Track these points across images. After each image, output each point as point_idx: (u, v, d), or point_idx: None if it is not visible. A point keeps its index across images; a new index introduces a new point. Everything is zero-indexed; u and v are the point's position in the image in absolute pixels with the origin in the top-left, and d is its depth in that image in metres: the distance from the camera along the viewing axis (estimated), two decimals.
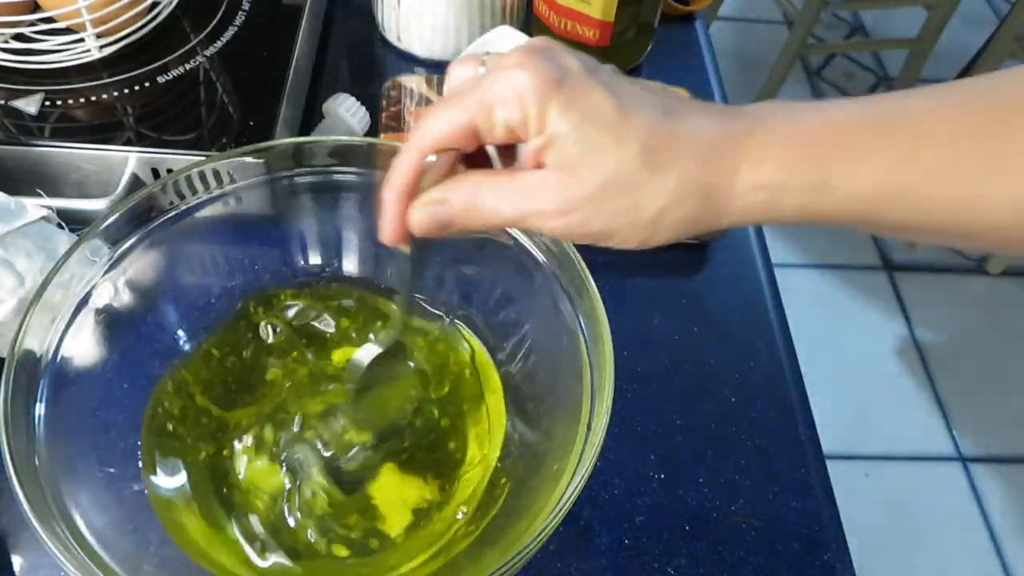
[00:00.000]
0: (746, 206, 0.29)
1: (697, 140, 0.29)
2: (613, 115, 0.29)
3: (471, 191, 0.32)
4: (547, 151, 0.30)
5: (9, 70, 0.58)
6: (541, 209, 0.30)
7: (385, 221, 0.33)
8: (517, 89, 0.29)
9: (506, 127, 0.30)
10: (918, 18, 1.83)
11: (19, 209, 0.47)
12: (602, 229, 0.30)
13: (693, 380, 0.54)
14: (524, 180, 0.31)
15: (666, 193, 0.29)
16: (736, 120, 0.30)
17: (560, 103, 0.29)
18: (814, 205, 0.29)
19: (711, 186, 0.29)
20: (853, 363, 1.53)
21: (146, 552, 0.39)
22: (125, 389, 0.43)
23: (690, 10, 0.78)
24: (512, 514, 0.41)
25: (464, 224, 0.32)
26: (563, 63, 0.30)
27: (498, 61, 0.30)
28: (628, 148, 0.29)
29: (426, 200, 0.32)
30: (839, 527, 0.49)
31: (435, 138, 0.31)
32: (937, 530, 1.35)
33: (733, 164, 0.29)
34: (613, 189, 0.29)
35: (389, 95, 0.66)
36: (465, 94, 0.30)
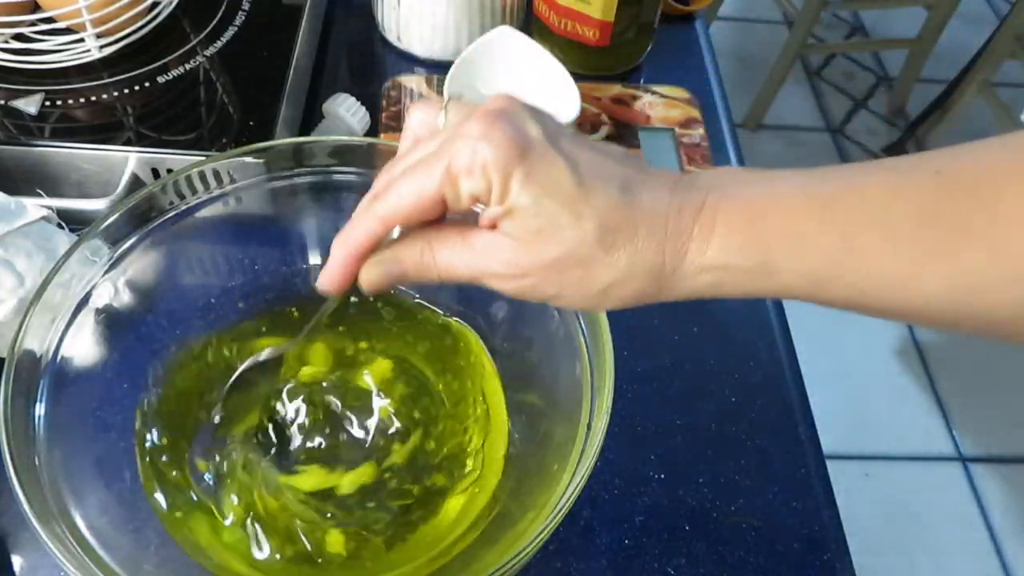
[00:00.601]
0: (693, 285, 0.30)
1: (652, 219, 0.30)
2: (573, 191, 0.29)
3: (424, 249, 0.32)
4: (505, 220, 0.30)
5: (9, 70, 0.58)
6: (495, 271, 0.31)
7: (331, 273, 0.34)
8: (481, 160, 0.29)
9: (471, 197, 0.30)
10: (918, 18, 1.83)
11: (19, 209, 0.47)
12: (552, 293, 0.31)
13: (693, 380, 0.54)
14: (477, 240, 0.31)
15: (617, 271, 0.30)
16: (686, 193, 0.30)
17: (521, 175, 0.29)
18: (758, 285, 0.30)
19: (660, 266, 0.30)
20: (853, 363, 1.53)
21: (146, 552, 0.39)
22: (125, 389, 0.43)
23: (690, 10, 0.78)
24: (512, 514, 0.41)
25: (417, 280, 0.33)
26: (525, 130, 0.30)
27: (461, 124, 0.30)
28: (585, 226, 0.29)
29: (380, 259, 0.33)
30: (839, 527, 0.49)
31: (403, 212, 0.31)
32: (937, 530, 1.35)
33: (682, 246, 0.30)
34: (567, 262, 0.30)
35: (389, 95, 0.66)
36: (430, 160, 0.30)
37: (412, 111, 0.34)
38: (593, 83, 0.69)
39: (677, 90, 0.70)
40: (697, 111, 0.68)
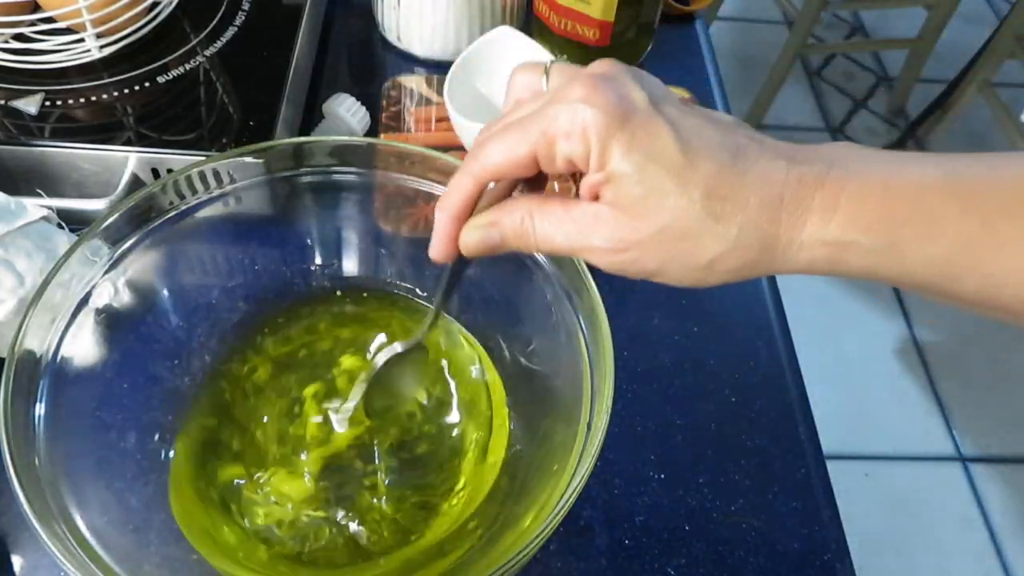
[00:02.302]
0: (809, 259, 0.28)
1: (764, 188, 0.28)
2: (678, 158, 0.28)
3: (524, 217, 0.31)
4: (607, 188, 0.29)
5: (9, 70, 0.58)
6: (594, 245, 0.30)
7: (437, 239, 0.33)
8: (581, 123, 0.28)
9: (567, 160, 0.29)
10: (918, 18, 1.83)
11: (19, 209, 0.47)
12: (655, 268, 0.30)
13: (693, 380, 0.54)
14: (578, 212, 0.30)
15: (726, 242, 0.28)
16: (807, 165, 0.28)
17: (624, 141, 0.28)
18: (882, 267, 0.28)
19: (774, 237, 0.28)
20: (853, 363, 1.53)
21: (146, 552, 0.39)
22: (125, 389, 0.43)
23: (690, 10, 0.78)
24: (512, 514, 0.41)
25: (514, 247, 0.32)
26: (629, 95, 0.29)
27: (563, 88, 0.29)
28: (691, 194, 0.28)
29: (479, 223, 0.32)
30: (839, 527, 0.49)
31: (494, 167, 0.31)
32: (937, 530, 1.35)
33: (800, 217, 0.28)
34: (671, 234, 0.29)
35: (389, 95, 0.66)
36: (527, 121, 0.30)
37: (515, 73, 0.33)
38: None
39: (677, 90, 0.70)
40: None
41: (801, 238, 0.28)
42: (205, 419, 0.45)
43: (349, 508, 0.43)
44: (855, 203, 0.27)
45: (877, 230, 0.27)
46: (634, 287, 0.58)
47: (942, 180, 0.27)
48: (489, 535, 0.41)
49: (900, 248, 0.27)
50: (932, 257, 0.27)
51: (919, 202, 0.27)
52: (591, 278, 0.40)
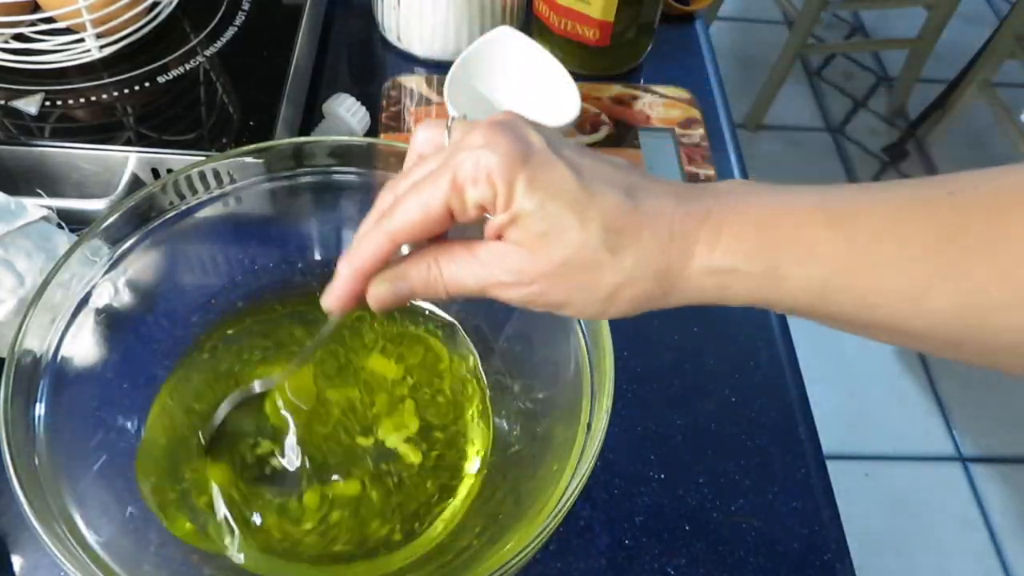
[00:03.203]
0: (699, 288, 0.30)
1: (655, 222, 0.30)
2: (577, 193, 0.29)
3: (430, 265, 0.32)
4: (511, 228, 0.30)
5: (9, 70, 0.58)
6: (502, 279, 0.31)
7: (338, 292, 0.34)
8: (485, 168, 0.29)
9: (478, 206, 0.30)
10: (918, 18, 1.83)
11: (19, 209, 0.47)
12: (560, 300, 0.31)
13: (693, 380, 0.54)
14: (483, 251, 0.31)
15: (622, 273, 0.30)
16: (694, 202, 0.30)
17: (525, 180, 0.29)
18: (764, 291, 0.30)
19: (666, 269, 0.30)
20: (853, 363, 1.53)
21: (146, 552, 0.39)
22: (125, 389, 0.43)
23: (690, 10, 0.78)
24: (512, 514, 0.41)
25: (425, 297, 0.33)
26: (527, 138, 0.30)
27: (464, 137, 0.31)
28: (590, 228, 0.29)
29: (386, 276, 0.33)
30: (839, 527, 0.49)
31: (412, 226, 0.31)
32: (937, 530, 1.35)
33: (688, 248, 0.30)
34: (573, 267, 0.30)
35: (389, 95, 0.66)
36: (435, 173, 0.31)
37: (417, 130, 0.34)
38: (593, 83, 0.69)
39: (677, 90, 0.70)
40: (697, 111, 0.68)
41: (690, 268, 0.30)
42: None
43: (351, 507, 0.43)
44: (736, 233, 0.29)
45: (757, 257, 0.29)
46: None
47: (819, 208, 0.29)
48: (489, 535, 0.41)
49: (779, 273, 0.29)
50: (809, 280, 0.29)
51: (796, 229, 0.29)
52: None
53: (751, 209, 0.30)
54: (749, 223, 0.29)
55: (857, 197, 0.29)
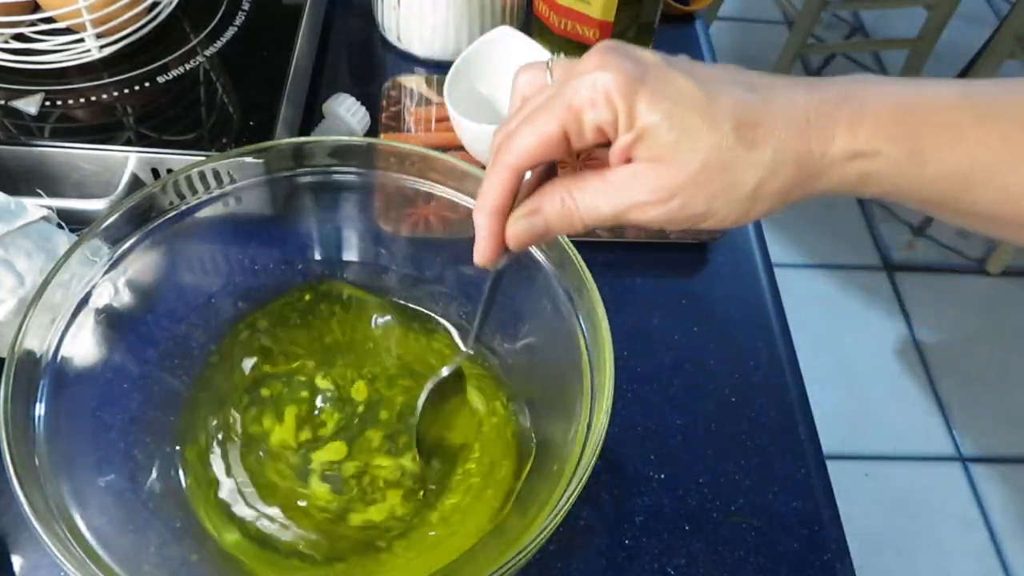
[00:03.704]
0: (841, 174, 0.29)
1: (789, 112, 0.29)
2: (701, 98, 0.29)
3: (564, 197, 0.32)
4: (638, 146, 0.29)
5: (9, 70, 0.58)
6: (639, 200, 0.30)
7: (482, 240, 0.33)
8: (603, 89, 0.29)
9: (596, 129, 0.30)
10: (918, 18, 1.83)
11: (19, 209, 0.47)
12: (702, 211, 0.30)
13: (693, 380, 0.54)
14: (615, 176, 0.31)
15: (763, 167, 0.29)
16: (827, 90, 0.30)
17: (647, 95, 0.29)
18: (906, 179, 0.29)
19: (807, 154, 0.29)
20: (853, 363, 1.53)
21: (146, 552, 0.39)
22: (125, 389, 0.43)
23: (690, 10, 0.78)
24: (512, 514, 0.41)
25: (562, 230, 0.32)
26: (639, 57, 0.30)
27: (572, 65, 0.30)
28: (721, 128, 0.29)
29: (521, 213, 0.32)
30: (839, 527, 0.49)
31: (527, 153, 0.31)
32: (937, 530, 1.35)
33: (828, 132, 0.29)
34: (711, 170, 0.29)
35: (389, 95, 0.66)
36: (548, 102, 0.30)
37: (518, 73, 0.33)
38: None
39: None
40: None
41: (832, 152, 0.29)
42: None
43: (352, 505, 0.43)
44: (878, 117, 0.29)
45: (900, 140, 0.28)
46: (634, 287, 0.58)
47: (960, 98, 0.29)
48: (489, 535, 0.41)
49: (922, 157, 0.28)
50: (952, 168, 0.28)
51: (938, 115, 0.28)
52: (591, 278, 0.40)
53: (891, 94, 0.29)
54: (891, 107, 0.29)
55: (999, 89, 0.29)
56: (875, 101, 0.29)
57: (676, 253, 0.60)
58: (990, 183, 0.28)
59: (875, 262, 1.68)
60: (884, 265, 1.67)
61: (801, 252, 1.67)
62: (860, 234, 1.72)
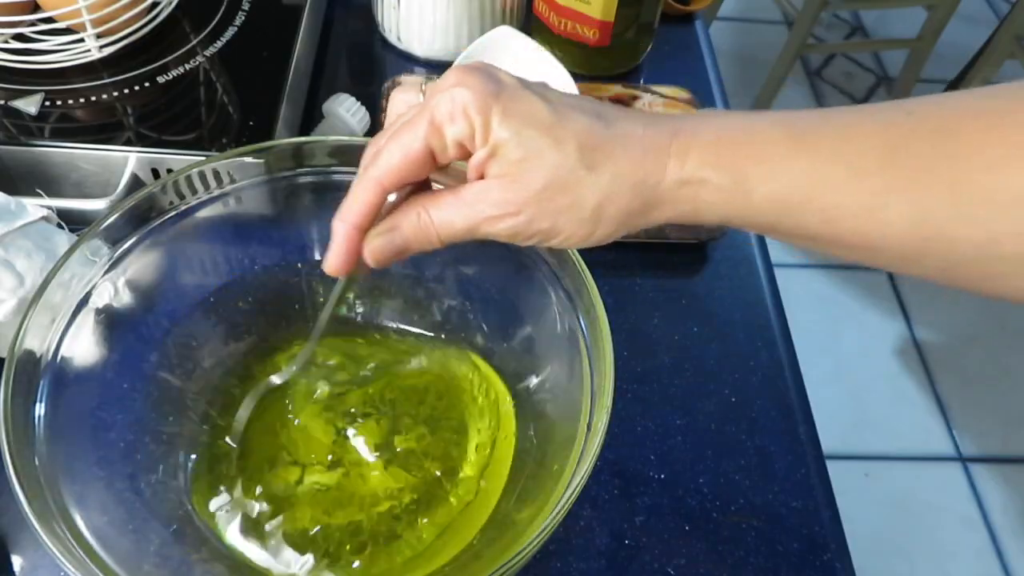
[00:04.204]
0: (674, 200, 0.32)
1: (627, 141, 0.31)
2: (550, 118, 0.31)
3: (420, 213, 0.33)
4: (490, 162, 0.31)
5: (9, 70, 0.58)
6: (489, 214, 0.32)
7: (337, 251, 0.34)
8: (461, 104, 0.31)
9: (457, 144, 0.32)
10: (918, 18, 1.83)
11: (19, 209, 0.47)
12: (548, 227, 0.32)
13: (693, 380, 0.54)
14: (467, 192, 0.33)
15: (602, 189, 0.31)
16: (663, 125, 0.32)
17: (499, 112, 0.31)
18: (734, 205, 0.31)
19: (642, 181, 0.31)
20: (853, 363, 1.53)
21: (146, 552, 0.39)
22: (125, 389, 0.43)
23: (690, 10, 0.78)
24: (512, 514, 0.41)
25: (419, 246, 0.34)
26: (497, 76, 0.32)
27: (436, 84, 0.32)
28: (565, 148, 0.31)
29: (380, 230, 0.34)
30: (839, 527, 0.49)
31: (395, 169, 0.32)
32: (937, 530, 1.35)
33: (661, 161, 0.31)
34: (554, 188, 0.31)
35: (389, 95, 0.66)
36: (413, 119, 0.32)
37: (392, 95, 0.35)
38: (593, 83, 0.69)
39: (677, 90, 0.70)
40: (697, 111, 0.68)
41: (665, 181, 0.31)
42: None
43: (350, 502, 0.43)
44: (703, 148, 0.31)
45: (725, 169, 0.31)
46: (634, 287, 0.58)
47: (781, 128, 0.31)
48: (489, 535, 0.41)
49: (747, 186, 0.31)
50: (774, 194, 0.30)
51: (761, 146, 0.31)
52: (591, 278, 0.40)
53: (716, 129, 0.32)
54: (715, 140, 0.31)
55: (818, 119, 0.31)
56: (702, 134, 0.31)
57: (676, 253, 0.60)
58: (807, 207, 0.30)
59: None
60: None
61: (801, 252, 1.67)
62: None
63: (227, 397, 0.46)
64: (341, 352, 0.49)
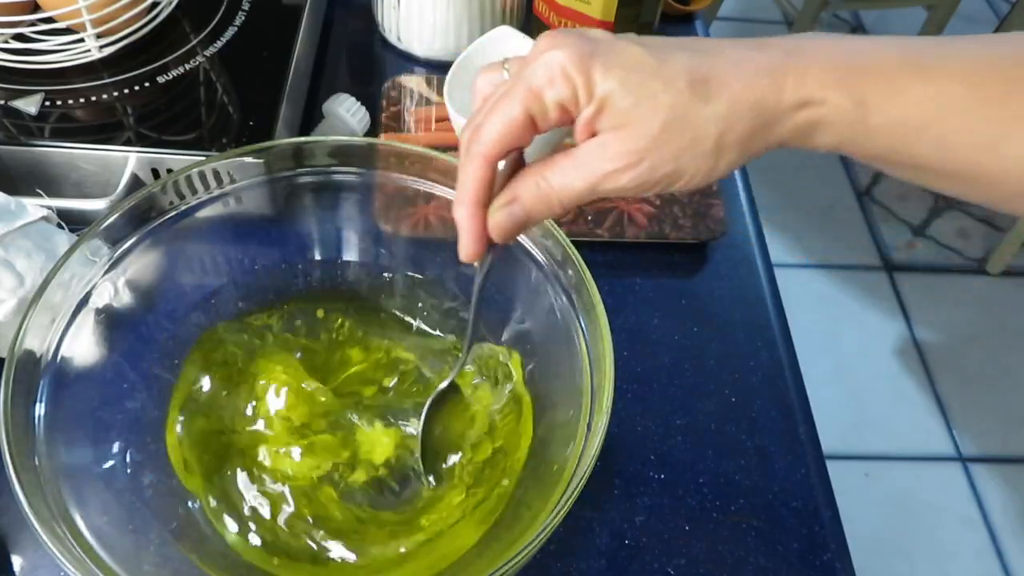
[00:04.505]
0: (793, 121, 0.31)
1: (739, 65, 0.30)
2: (652, 62, 0.30)
3: (538, 181, 0.32)
4: (600, 117, 0.30)
5: (9, 70, 0.58)
6: (609, 169, 0.31)
7: (465, 235, 0.34)
8: (558, 66, 0.30)
9: (558, 106, 0.31)
10: (918, 18, 1.83)
11: (19, 209, 0.47)
12: (671, 169, 0.31)
13: (693, 380, 0.54)
14: (584, 151, 0.31)
15: (721, 118, 0.30)
16: (774, 47, 0.31)
17: (600, 66, 0.30)
18: (852, 127, 0.30)
19: (760, 102, 0.30)
20: (853, 363, 1.53)
21: (146, 552, 0.39)
22: (125, 389, 0.43)
23: (690, 10, 0.78)
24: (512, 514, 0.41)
25: (541, 214, 0.33)
26: (587, 33, 0.31)
27: (525, 56, 0.31)
28: (676, 86, 0.30)
29: (500, 203, 0.33)
30: (839, 527, 0.49)
31: (497, 140, 0.31)
32: (937, 530, 1.35)
33: (778, 82, 0.30)
34: (672, 128, 0.30)
35: (389, 95, 0.66)
36: (509, 90, 0.31)
37: (478, 76, 0.34)
38: None
39: None
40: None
41: (783, 100, 0.30)
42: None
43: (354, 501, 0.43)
44: (822, 69, 0.30)
45: (846, 88, 0.30)
46: (634, 287, 0.58)
47: (900, 54, 0.30)
48: (489, 535, 0.41)
49: (866, 107, 0.30)
50: (892, 117, 0.30)
51: (879, 68, 0.30)
52: (591, 278, 0.40)
53: (833, 49, 0.31)
54: (834, 60, 0.30)
55: (935, 46, 0.30)
56: (819, 56, 0.30)
57: (676, 253, 0.60)
58: (924, 134, 0.29)
59: (875, 262, 1.68)
60: (884, 265, 1.67)
61: (801, 252, 1.67)
62: (860, 234, 1.72)
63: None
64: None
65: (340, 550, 0.42)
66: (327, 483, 0.44)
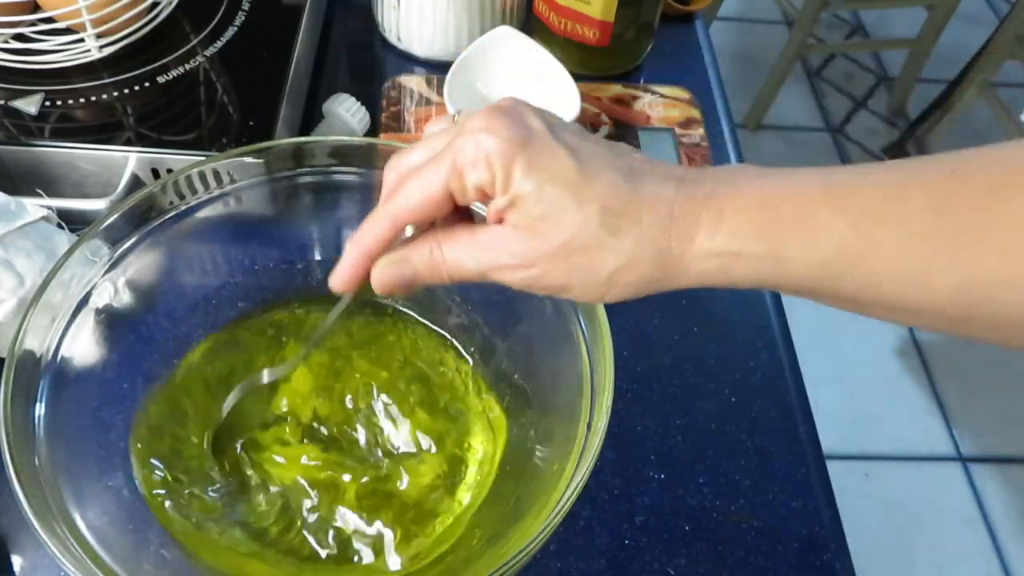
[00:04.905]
0: (701, 271, 0.30)
1: (656, 205, 0.30)
2: (575, 177, 0.30)
3: (432, 248, 0.33)
4: (510, 211, 0.30)
5: (9, 70, 0.58)
6: (503, 263, 0.31)
7: (344, 271, 0.34)
8: (484, 151, 0.30)
9: (477, 189, 0.31)
10: (918, 18, 1.83)
11: (19, 209, 0.47)
12: (560, 283, 0.31)
13: (693, 380, 0.54)
14: (484, 235, 0.32)
15: (623, 255, 0.30)
16: (695, 186, 0.30)
17: (523, 164, 0.30)
18: (768, 274, 0.30)
19: (667, 251, 0.30)
20: (853, 363, 1.53)
21: (146, 552, 0.39)
22: (125, 389, 0.43)
23: (690, 10, 0.78)
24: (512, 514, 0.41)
25: (428, 280, 0.33)
26: (526, 123, 0.30)
27: (465, 121, 0.31)
28: (587, 210, 0.30)
29: (390, 259, 0.33)
30: (839, 527, 0.49)
31: (413, 208, 0.32)
32: (937, 530, 1.35)
33: (690, 231, 0.30)
34: (572, 248, 0.30)
35: (389, 95, 0.66)
36: (437, 159, 0.31)
37: (428, 125, 0.34)
38: (593, 83, 0.69)
39: (677, 90, 0.70)
40: (697, 111, 0.68)
41: (692, 251, 0.30)
42: None
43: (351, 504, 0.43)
44: (739, 216, 0.29)
45: (760, 239, 0.29)
46: None
47: (820, 190, 0.29)
48: (489, 535, 0.41)
49: (782, 255, 0.29)
50: (812, 261, 0.29)
51: (798, 212, 0.29)
52: None
53: (752, 192, 0.30)
54: (751, 206, 0.29)
55: (858, 178, 0.29)
56: (738, 200, 0.29)
57: None
58: (849, 273, 0.28)
59: None
60: None
61: None
62: None
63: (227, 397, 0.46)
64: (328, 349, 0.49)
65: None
66: (327, 484, 0.44)
